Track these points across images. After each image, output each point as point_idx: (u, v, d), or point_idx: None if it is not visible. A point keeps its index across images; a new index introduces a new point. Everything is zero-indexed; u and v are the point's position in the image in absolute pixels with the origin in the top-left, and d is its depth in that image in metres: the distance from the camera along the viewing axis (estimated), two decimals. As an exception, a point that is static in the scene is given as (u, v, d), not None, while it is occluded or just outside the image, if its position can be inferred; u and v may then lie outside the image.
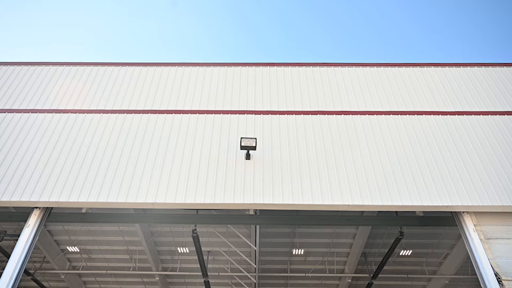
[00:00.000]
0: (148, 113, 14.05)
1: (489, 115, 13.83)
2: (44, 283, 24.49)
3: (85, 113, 14.07)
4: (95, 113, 14.08)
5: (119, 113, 14.06)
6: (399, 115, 13.80)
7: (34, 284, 23.83)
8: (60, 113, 14.11)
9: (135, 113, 14.06)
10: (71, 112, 14.13)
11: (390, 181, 12.12)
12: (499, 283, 11.06)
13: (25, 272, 21.62)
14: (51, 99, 14.79)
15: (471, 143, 12.90)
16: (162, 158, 12.72)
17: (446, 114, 13.83)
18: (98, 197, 12.42)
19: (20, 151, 13.02)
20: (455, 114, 13.88)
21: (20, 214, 13.65)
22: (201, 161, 12.63)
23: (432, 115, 13.80)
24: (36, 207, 12.69)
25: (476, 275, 11.92)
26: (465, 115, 13.81)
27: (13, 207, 15.08)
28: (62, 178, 12.43)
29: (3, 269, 11.49)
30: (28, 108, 14.40)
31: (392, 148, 12.84)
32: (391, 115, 13.85)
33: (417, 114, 13.83)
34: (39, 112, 14.17)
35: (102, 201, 12.37)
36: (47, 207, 12.86)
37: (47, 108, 14.36)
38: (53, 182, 12.40)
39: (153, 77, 15.63)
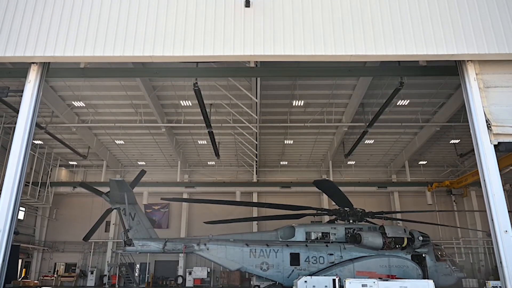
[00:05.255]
0: (134, -46, 12.48)
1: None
2: (58, 136, 26.03)
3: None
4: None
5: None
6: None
7: (48, 136, 25.36)
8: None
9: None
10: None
11: (397, 27, 11.53)
12: (488, 128, 11.66)
13: (38, 126, 22.72)
14: None
15: (490, -15, 11.79)
16: (156, 7, 11.86)
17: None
18: (94, 51, 12.05)
19: (2, 2, 12.07)
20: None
21: (18, 70, 13.51)
22: (197, 9, 11.80)
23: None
24: (33, 62, 12.48)
25: (467, 122, 12.46)
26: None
27: (10, 63, 14.85)
28: (54, 31, 11.83)
29: (16, 123, 12.00)
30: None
31: (403, -8, 11.80)
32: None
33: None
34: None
35: (98, 55, 12.03)
36: (45, 62, 12.65)
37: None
38: (45, 35, 11.84)
39: None
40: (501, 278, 10.45)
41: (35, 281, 27.73)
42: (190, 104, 22.63)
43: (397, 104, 22.51)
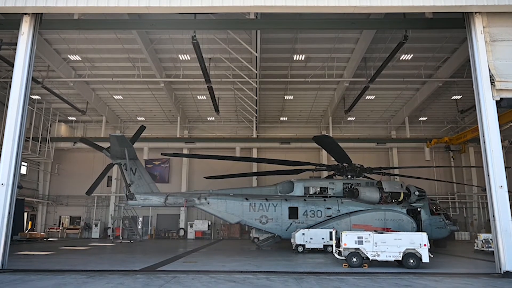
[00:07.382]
0: None
1: None
2: (55, 91, 25.72)
3: None
4: None
5: None
6: None
7: (45, 91, 25.07)
8: None
9: None
10: None
11: (404, -23, 11.03)
12: (491, 84, 11.49)
13: (34, 80, 22.38)
14: None
15: None
16: (150, -46, 11.27)
17: None
18: (88, 1, 11.61)
19: None
20: None
21: (10, 21, 13.07)
22: (194, -43, 11.22)
23: None
24: (25, 14, 12.06)
25: (470, 78, 12.25)
26: None
27: (1, 14, 14.36)
28: (44, -20, 11.35)
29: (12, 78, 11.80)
30: None
31: None
32: None
33: None
34: None
35: (92, 5, 11.61)
36: (37, 14, 12.23)
37: None
38: (35, -16, 11.38)
39: None
40: (493, 231, 10.79)
41: (42, 233, 28.64)
42: (189, 58, 22.15)
43: (400, 58, 22.05)
